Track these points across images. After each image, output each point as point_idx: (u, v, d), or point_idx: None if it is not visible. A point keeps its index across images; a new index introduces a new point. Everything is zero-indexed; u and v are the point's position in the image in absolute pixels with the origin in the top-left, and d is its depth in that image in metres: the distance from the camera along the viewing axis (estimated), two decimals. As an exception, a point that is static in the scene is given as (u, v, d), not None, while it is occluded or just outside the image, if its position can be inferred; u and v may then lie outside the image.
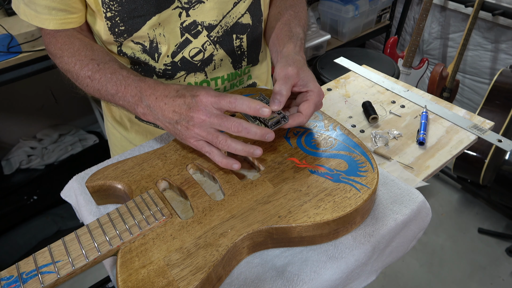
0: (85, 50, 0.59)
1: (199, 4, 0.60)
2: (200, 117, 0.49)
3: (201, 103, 0.49)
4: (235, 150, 0.49)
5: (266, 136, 0.49)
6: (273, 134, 0.49)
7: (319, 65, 1.69)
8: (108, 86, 0.56)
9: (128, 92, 0.54)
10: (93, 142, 1.97)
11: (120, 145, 0.83)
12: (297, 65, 0.54)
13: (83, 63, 0.58)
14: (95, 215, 0.54)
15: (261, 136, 0.49)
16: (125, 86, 0.55)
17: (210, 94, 0.49)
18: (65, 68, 0.60)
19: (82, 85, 0.60)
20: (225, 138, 0.49)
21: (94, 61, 0.58)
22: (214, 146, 0.51)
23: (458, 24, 1.94)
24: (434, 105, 0.74)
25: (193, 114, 0.49)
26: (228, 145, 0.49)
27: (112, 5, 0.56)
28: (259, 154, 0.50)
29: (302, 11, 0.70)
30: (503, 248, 1.66)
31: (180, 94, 0.50)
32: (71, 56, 0.59)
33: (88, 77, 0.58)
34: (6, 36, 1.19)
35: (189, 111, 0.49)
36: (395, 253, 0.54)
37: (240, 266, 0.46)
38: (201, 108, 0.49)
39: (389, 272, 1.60)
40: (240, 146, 0.49)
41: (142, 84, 0.54)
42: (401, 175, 0.60)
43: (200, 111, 0.49)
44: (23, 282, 0.39)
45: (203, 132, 0.49)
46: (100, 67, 0.57)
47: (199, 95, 0.49)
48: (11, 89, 1.72)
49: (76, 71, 0.59)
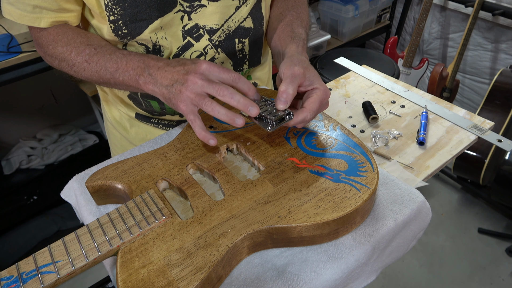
0: (80, 37, 0.60)
1: (201, 8, 0.60)
2: (194, 79, 0.50)
3: (200, 68, 0.50)
4: (218, 113, 0.49)
5: (249, 107, 0.49)
6: (257, 109, 0.49)
7: (319, 65, 1.69)
8: (107, 65, 0.57)
9: (129, 66, 0.56)
10: (93, 142, 1.97)
11: (120, 145, 0.83)
12: (303, 64, 0.54)
13: (79, 49, 0.59)
14: (95, 215, 0.54)
15: (244, 105, 0.49)
16: (127, 62, 0.56)
17: (212, 64, 0.51)
18: (60, 57, 0.60)
19: (78, 71, 0.60)
20: (211, 101, 0.50)
21: (90, 46, 0.59)
22: (198, 116, 0.52)
23: (458, 24, 1.94)
24: (434, 105, 0.74)
25: (188, 77, 0.50)
26: (213, 108, 0.49)
27: (115, 9, 0.56)
28: (241, 123, 0.49)
29: (304, 12, 0.70)
30: (503, 248, 1.66)
31: (181, 63, 0.53)
32: (65, 45, 0.59)
33: (86, 61, 0.58)
34: (6, 36, 1.20)
35: (186, 75, 0.51)
36: (395, 253, 0.54)
37: (240, 266, 0.46)
38: (198, 72, 0.50)
39: (389, 272, 1.60)
40: (223, 110, 0.49)
41: (145, 57, 0.56)
42: (401, 175, 0.60)
43: (196, 74, 0.50)
44: (23, 282, 0.39)
45: (192, 94, 0.50)
46: (98, 50, 0.58)
47: (199, 62, 0.51)
48: (11, 89, 1.72)
49: (72, 58, 0.59)
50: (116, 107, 0.78)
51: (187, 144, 0.57)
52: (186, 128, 0.60)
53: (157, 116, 0.75)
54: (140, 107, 0.74)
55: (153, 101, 0.71)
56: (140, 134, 0.77)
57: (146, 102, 0.71)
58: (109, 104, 0.79)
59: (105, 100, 0.79)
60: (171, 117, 0.74)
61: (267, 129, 0.51)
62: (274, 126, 0.51)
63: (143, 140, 0.77)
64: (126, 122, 0.78)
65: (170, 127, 0.75)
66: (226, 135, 0.58)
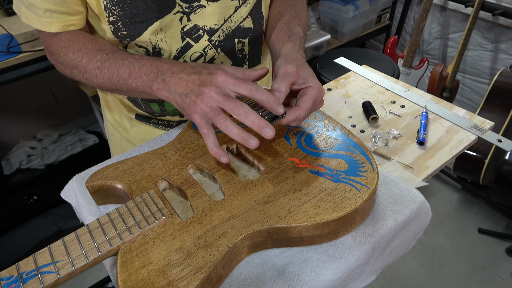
0: (91, 43, 0.58)
1: (200, 8, 0.60)
2: (210, 92, 0.48)
3: (216, 80, 0.49)
4: (231, 132, 0.48)
5: (264, 129, 0.46)
6: (272, 131, 0.46)
7: (319, 65, 1.69)
8: (120, 71, 0.56)
9: (142, 71, 0.54)
10: (93, 142, 1.97)
11: (120, 145, 0.83)
12: (297, 63, 0.54)
13: (90, 55, 0.57)
14: (95, 215, 0.54)
15: (258, 127, 0.47)
16: (139, 67, 0.54)
17: (229, 75, 0.49)
18: (71, 64, 0.59)
19: (90, 78, 0.59)
20: (225, 118, 0.48)
21: (102, 51, 0.57)
22: (212, 131, 0.50)
23: (458, 24, 1.94)
24: (434, 105, 0.74)
25: (204, 89, 0.48)
26: (226, 126, 0.48)
27: (114, 10, 0.55)
28: (254, 145, 0.47)
29: (303, 11, 0.70)
30: (503, 248, 1.66)
31: (196, 71, 0.51)
32: (76, 51, 0.58)
33: (97, 68, 0.57)
34: (6, 36, 1.19)
35: (201, 86, 0.49)
36: (395, 253, 0.54)
37: (240, 266, 0.46)
38: (214, 85, 0.48)
39: (389, 272, 1.60)
40: (236, 130, 0.47)
41: (158, 62, 0.54)
42: (401, 175, 0.60)
43: (211, 87, 0.48)
44: (23, 282, 0.39)
45: (207, 108, 0.48)
46: (109, 56, 0.57)
47: (216, 73, 0.49)
48: (11, 89, 1.72)
49: (83, 65, 0.58)
50: (116, 108, 0.78)
51: (187, 144, 0.57)
52: (186, 128, 0.60)
53: (157, 116, 0.75)
54: (140, 109, 0.74)
55: (153, 104, 0.71)
56: (140, 134, 0.77)
57: (146, 105, 0.71)
58: (109, 104, 0.79)
59: (105, 100, 0.79)
60: (171, 118, 0.74)
61: None
62: None
63: (143, 141, 0.77)
64: (126, 122, 0.78)
65: (170, 127, 0.75)
66: (226, 135, 0.58)
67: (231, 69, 0.52)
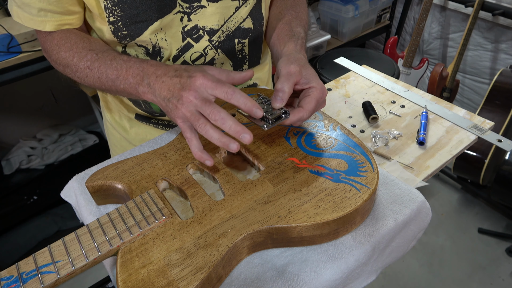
0: (82, 42, 0.59)
1: (200, 8, 0.60)
2: (189, 97, 0.48)
3: (194, 84, 0.48)
4: (211, 137, 0.48)
5: (241, 135, 0.46)
6: (250, 136, 0.46)
7: (319, 65, 1.69)
8: (108, 72, 0.56)
9: (129, 73, 0.54)
10: (93, 142, 1.97)
11: (119, 146, 0.83)
12: (299, 63, 0.54)
13: (81, 54, 0.58)
14: (95, 215, 0.54)
15: (235, 132, 0.46)
16: (126, 69, 0.55)
17: (207, 78, 0.48)
18: (63, 63, 0.60)
19: (81, 77, 0.59)
20: (205, 123, 0.48)
21: (92, 51, 0.58)
22: (195, 135, 0.50)
23: (458, 24, 1.94)
24: (434, 105, 0.74)
25: (183, 93, 0.48)
26: (206, 131, 0.48)
27: (114, 10, 0.55)
28: (235, 148, 0.47)
29: (303, 11, 0.70)
30: (503, 248, 1.66)
31: (177, 74, 0.50)
32: (68, 50, 0.59)
33: (87, 67, 0.58)
34: (6, 36, 1.20)
35: (181, 90, 0.49)
36: (395, 253, 0.54)
37: (240, 266, 0.46)
38: (192, 89, 0.48)
39: (389, 272, 1.60)
40: (216, 134, 0.47)
41: (144, 64, 0.54)
42: (401, 175, 0.60)
43: (190, 91, 0.48)
44: (23, 282, 0.39)
45: (188, 113, 0.48)
46: (99, 56, 0.57)
47: (195, 77, 0.49)
48: (11, 89, 1.72)
49: (74, 64, 0.59)
50: (116, 108, 0.78)
51: (187, 144, 0.57)
52: (186, 128, 0.60)
53: (157, 116, 0.75)
54: (140, 108, 0.74)
55: (152, 103, 0.71)
56: (140, 134, 0.77)
57: (146, 104, 0.71)
58: (108, 105, 0.79)
59: (104, 101, 0.79)
60: (171, 118, 0.74)
61: (263, 128, 0.51)
62: (270, 124, 0.51)
63: (143, 141, 0.77)
64: (126, 122, 0.78)
65: (170, 127, 0.75)
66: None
67: (215, 71, 0.52)
